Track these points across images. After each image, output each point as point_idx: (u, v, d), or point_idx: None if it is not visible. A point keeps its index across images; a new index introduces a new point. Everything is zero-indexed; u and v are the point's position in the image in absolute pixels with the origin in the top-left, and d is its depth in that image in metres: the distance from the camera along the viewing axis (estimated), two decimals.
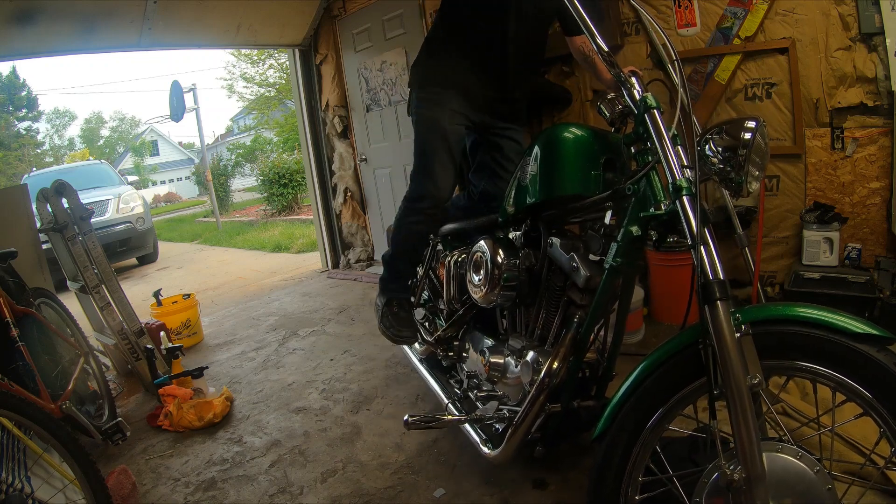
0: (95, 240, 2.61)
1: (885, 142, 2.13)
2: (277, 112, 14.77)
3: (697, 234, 0.95)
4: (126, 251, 6.69)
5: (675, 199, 0.99)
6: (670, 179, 1.01)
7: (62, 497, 1.44)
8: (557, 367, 1.27)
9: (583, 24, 1.14)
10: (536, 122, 3.12)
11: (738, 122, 1.06)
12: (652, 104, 1.07)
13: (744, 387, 0.87)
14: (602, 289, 1.21)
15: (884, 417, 0.84)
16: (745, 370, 0.88)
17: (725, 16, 2.40)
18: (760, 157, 1.07)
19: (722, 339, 0.89)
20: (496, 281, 1.44)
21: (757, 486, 0.87)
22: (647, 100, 1.07)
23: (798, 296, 2.12)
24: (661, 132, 1.05)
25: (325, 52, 4.32)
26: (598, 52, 1.14)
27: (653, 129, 1.06)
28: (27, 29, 2.95)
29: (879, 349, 0.85)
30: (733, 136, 1.05)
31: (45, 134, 26.15)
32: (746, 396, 0.87)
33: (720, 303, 0.90)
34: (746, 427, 0.87)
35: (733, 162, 1.05)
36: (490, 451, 1.44)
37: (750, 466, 0.87)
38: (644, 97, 1.08)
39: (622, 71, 1.13)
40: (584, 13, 1.15)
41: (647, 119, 1.07)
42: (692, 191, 0.98)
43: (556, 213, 1.39)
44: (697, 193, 0.98)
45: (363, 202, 4.52)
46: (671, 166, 1.01)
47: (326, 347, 2.94)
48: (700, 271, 0.94)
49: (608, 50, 1.14)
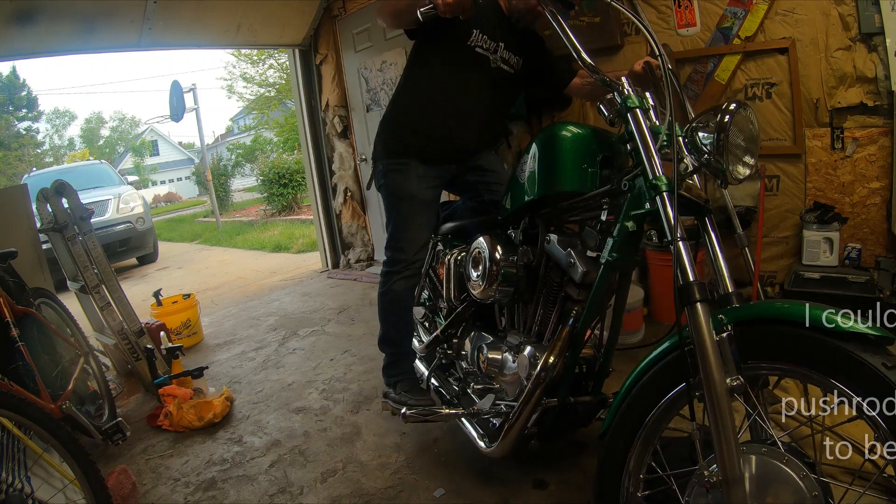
0: (95, 240, 2.61)
1: (885, 142, 2.13)
2: (277, 112, 14.76)
3: (675, 232, 0.95)
4: (126, 251, 6.68)
5: (654, 195, 1.01)
6: (651, 176, 1.02)
7: (62, 497, 1.44)
8: (554, 361, 1.29)
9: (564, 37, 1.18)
10: (536, 122, 3.13)
11: (719, 107, 1.05)
12: (633, 104, 1.08)
13: (722, 388, 0.86)
14: (598, 284, 1.23)
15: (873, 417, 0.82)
16: (723, 371, 0.88)
17: (725, 16, 2.40)
18: (746, 139, 1.06)
19: (701, 340, 0.88)
20: (494, 277, 1.46)
21: (734, 488, 0.85)
22: (628, 100, 1.09)
23: (798, 296, 2.12)
24: (642, 130, 1.06)
25: (325, 52, 4.32)
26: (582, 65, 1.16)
27: (634, 127, 1.08)
28: (27, 29, 2.95)
29: (865, 348, 0.82)
30: (716, 122, 1.04)
31: (45, 134, 26.13)
32: (724, 398, 0.86)
33: (699, 304, 0.90)
34: (724, 429, 0.86)
35: (716, 148, 1.04)
36: (487, 446, 1.46)
37: (728, 469, 0.85)
38: (626, 97, 1.10)
39: (606, 75, 1.15)
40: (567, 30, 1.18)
41: (629, 118, 1.08)
42: (671, 187, 0.99)
43: (553, 210, 1.40)
44: (675, 190, 0.98)
45: (363, 202, 4.52)
46: (651, 164, 1.03)
47: (326, 347, 2.94)
48: (678, 271, 0.93)
49: (591, 62, 1.16)
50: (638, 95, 1.10)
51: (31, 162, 20.92)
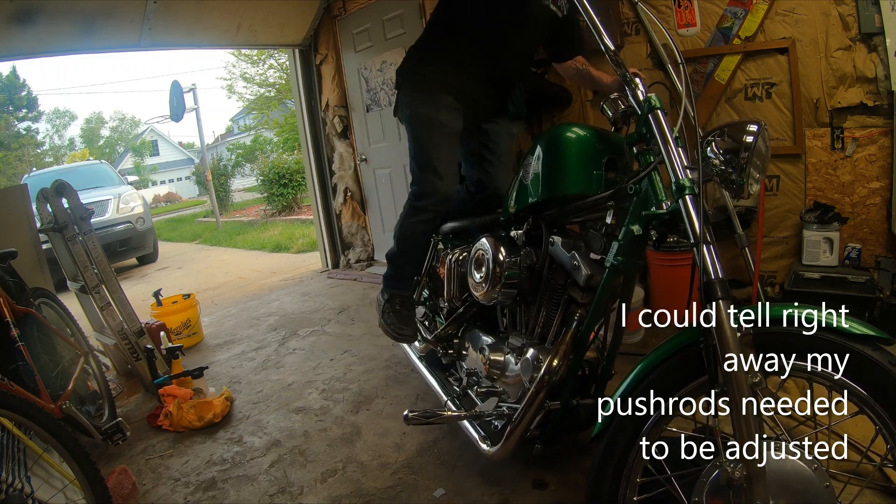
0: (95, 240, 2.61)
1: (885, 142, 2.13)
2: (277, 112, 14.77)
3: (700, 234, 0.96)
4: (126, 251, 6.68)
5: (678, 198, 1.01)
6: (673, 179, 1.02)
7: (62, 497, 1.44)
8: (557, 364, 1.28)
9: (591, 23, 1.16)
10: (536, 122, 3.12)
11: (740, 124, 1.07)
12: (656, 105, 1.08)
13: (745, 385, 0.88)
14: (603, 287, 1.22)
15: (880, 415, 0.85)
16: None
17: (725, 16, 2.40)
18: (761, 160, 1.08)
19: (724, 337, 0.90)
20: (497, 278, 1.45)
21: (757, 483, 0.87)
22: (652, 100, 1.09)
23: (798, 296, 2.12)
24: (664, 133, 1.06)
25: (325, 52, 4.32)
26: (605, 52, 1.16)
27: (656, 129, 1.07)
28: (27, 29, 2.94)
29: (875, 348, 0.86)
30: (735, 139, 1.06)
31: (45, 134, 26.10)
32: (748, 395, 0.88)
33: (722, 301, 0.91)
34: (748, 425, 0.88)
35: (735, 164, 1.06)
36: (489, 448, 1.45)
37: (751, 464, 0.88)
38: (648, 97, 1.10)
39: (628, 71, 1.14)
40: (592, 14, 1.17)
41: (650, 119, 1.08)
42: (695, 190, 0.99)
43: (557, 212, 1.39)
44: (701, 193, 0.99)
45: (363, 202, 4.52)
46: (675, 166, 1.03)
47: (326, 347, 2.94)
48: (702, 270, 0.95)
49: (614, 49, 1.16)
50: (657, 96, 1.10)
51: (31, 162, 20.92)
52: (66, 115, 29.16)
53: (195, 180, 20.65)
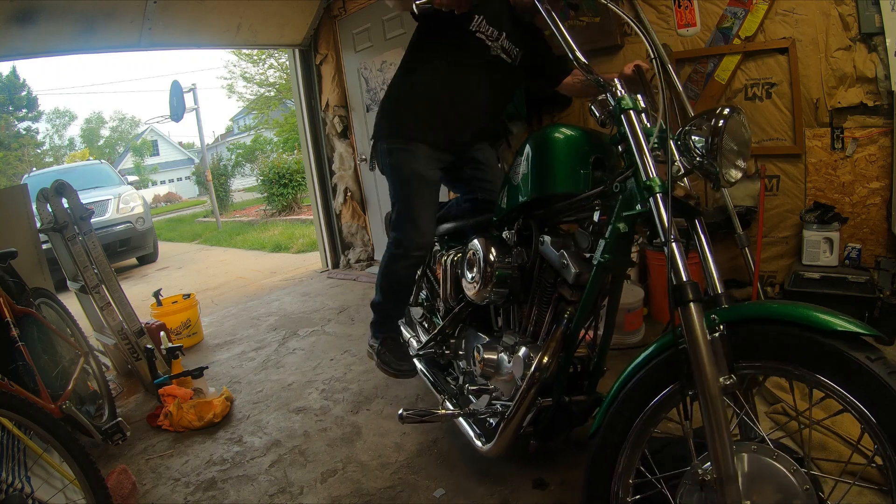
0: (95, 240, 2.61)
1: (885, 142, 2.13)
2: (277, 112, 14.77)
3: (668, 233, 0.96)
4: (126, 251, 6.68)
5: (647, 197, 1.01)
6: (644, 178, 1.02)
7: (62, 497, 1.44)
8: (548, 361, 1.30)
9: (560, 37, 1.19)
10: (536, 122, 3.12)
11: (712, 111, 1.06)
12: (627, 105, 1.08)
13: (715, 388, 0.87)
14: (591, 285, 1.23)
15: (863, 413, 0.82)
16: (717, 371, 0.88)
17: (725, 16, 2.40)
18: (739, 145, 1.06)
19: (694, 340, 0.89)
20: (489, 278, 1.47)
21: (729, 485, 0.86)
22: (622, 101, 1.09)
23: (798, 296, 2.12)
24: (635, 132, 1.06)
25: (325, 52, 4.32)
26: (577, 65, 1.18)
27: (628, 129, 1.07)
28: (27, 29, 2.95)
29: (854, 346, 0.83)
30: (709, 126, 1.05)
31: (45, 134, 26.16)
32: (718, 397, 0.87)
33: (692, 304, 0.90)
34: (718, 428, 0.87)
35: (708, 152, 1.04)
36: (483, 445, 1.47)
37: (722, 467, 0.87)
38: (619, 99, 1.10)
39: (600, 76, 1.16)
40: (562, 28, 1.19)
41: (623, 119, 1.08)
42: (665, 188, 0.99)
43: (546, 212, 1.41)
44: (669, 189, 0.99)
45: (363, 202, 4.52)
46: (645, 165, 1.03)
47: (326, 347, 2.94)
48: (672, 272, 0.94)
49: (585, 61, 1.17)
50: (631, 97, 1.10)
51: (31, 162, 20.92)
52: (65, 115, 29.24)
53: (195, 180, 20.66)
